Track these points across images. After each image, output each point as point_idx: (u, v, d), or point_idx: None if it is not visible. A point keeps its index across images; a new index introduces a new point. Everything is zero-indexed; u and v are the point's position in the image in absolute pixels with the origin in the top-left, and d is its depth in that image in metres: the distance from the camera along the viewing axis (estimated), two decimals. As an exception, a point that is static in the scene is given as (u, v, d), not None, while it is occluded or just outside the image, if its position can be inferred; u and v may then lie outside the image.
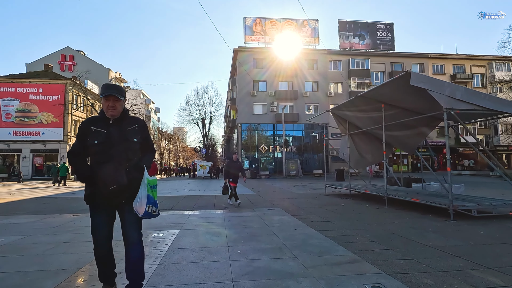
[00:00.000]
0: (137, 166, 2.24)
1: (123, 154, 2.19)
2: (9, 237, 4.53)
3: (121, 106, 2.27)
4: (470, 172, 30.00)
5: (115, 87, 2.24)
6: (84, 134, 2.21)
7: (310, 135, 34.48)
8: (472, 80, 37.49)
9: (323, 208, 7.55)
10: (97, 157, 2.18)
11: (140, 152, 2.35)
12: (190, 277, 2.84)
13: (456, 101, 5.71)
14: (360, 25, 37.84)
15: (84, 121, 2.30)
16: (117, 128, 2.23)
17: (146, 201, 2.17)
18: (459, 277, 2.78)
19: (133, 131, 2.28)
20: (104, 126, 2.22)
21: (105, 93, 2.18)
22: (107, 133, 2.19)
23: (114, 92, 2.20)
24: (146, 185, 2.20)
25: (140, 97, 52.72)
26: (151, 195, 2.22)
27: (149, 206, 2.19)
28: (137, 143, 2.28)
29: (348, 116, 10.41)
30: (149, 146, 2.47)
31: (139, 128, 2.34)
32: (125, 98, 2.37)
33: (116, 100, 2.22)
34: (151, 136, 42.09)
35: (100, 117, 2.27)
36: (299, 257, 3.41)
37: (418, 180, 11.11)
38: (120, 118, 2.27)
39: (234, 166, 8.55)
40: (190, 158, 67.52)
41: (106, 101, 2.19)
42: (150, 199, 2.19)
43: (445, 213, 5.91)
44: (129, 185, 2.18)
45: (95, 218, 2.23)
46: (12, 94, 28.67)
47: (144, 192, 2.18)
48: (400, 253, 3.57)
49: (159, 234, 4.69)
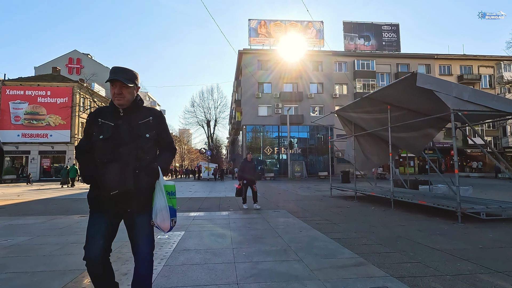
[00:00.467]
0: (149, 168, 1.87)
1: (132, 153, 1.83)
2: (17, 237, 4.59)
3: (130, 94, 1.90)
4: (478, 174, 29.54)
5: (122, 71, 1.89)
6: (90, 128, 1.90)
7: (315, 137, 34.34)
8: (480, 81, 36.99)
9: (329, 210, 7.50)
10: (101, 155, 1.83)
11: (156, 150, 2.02)
12: (195, 279, 2.84)
13: (464, 102, 5.64)
14: (366, 26, 37.67)
15: (91, 112, 1.97)
16: (127, 121, 1.89)
17: (170, 214, 1.84)
18: (468, 281, 2.73)
19: (146, 124, 1.93)
20: (112, 118, 1.88)
21: (110, 78, 1.84)
22: (115, 126, 1.85)
23: (120, 76, 1.85)
24: (165, 193, 1.85)
25: (146, 99, 53.23)
26: (172, 206, 1.88)
27: (173, 220, 1.88)
28: (150, 139, 1.92)
29: (353, 118, 10.34)
30: (167, 143, 2.06)
31: (154, 121, 1.97)
32: (137, 85, 1.96)
33: (124, 87, 1.86)
34: None
35: (110, 107, 1.93)
36: (304, 260, 3.39)
37: (425, 182, 10.97)
38: (131, 109, 1.92)
39: (248, 167, 8.03)
40: (195, 160, 67.81)
41: (112, 87, 1.86)
42: (172, 211, 1.86)
43: (453, 216, 5.83)
44: (137, 191, 1.82)
45: (92, 227, 1.84)
46: (21, 97, 29.15)
47: (163, 202, 1.84)
48: (407, 256, 3.52)
49: (164, 235, 4.70)
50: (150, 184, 1.87)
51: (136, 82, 1.96)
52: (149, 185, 1.87)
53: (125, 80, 1.86)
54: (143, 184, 1.85)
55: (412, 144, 9.48)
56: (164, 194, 1.86)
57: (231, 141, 52.48)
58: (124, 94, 1.87)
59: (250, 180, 7.92)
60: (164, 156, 2.04)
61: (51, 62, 39.90)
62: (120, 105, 1.89)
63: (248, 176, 7.92)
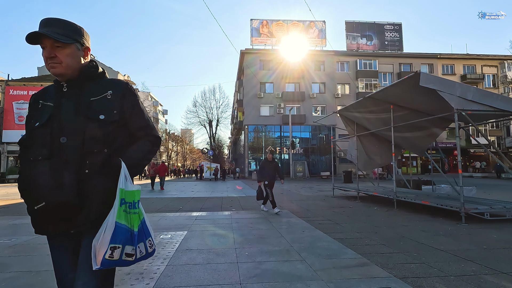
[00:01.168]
0: (106, 166, 1.26)
1: (78, 144, 1.23)
2: (21, 237, 4.62)
3: (70, 58, 1.28)
4: (481, 175, 29.35)
5: (53, 23, 1.26)
6: (30, 114, 1.38)
7: (317, 137, 34.27)
8: (483, 80, 36.74)
9: (331, 210, 7.48)
10: (36, 150, 1.26)
11: (124, 139, 1.37)
12: (198, 278, 2.85)
13: (468, 101, 5.60)
14: (368, 26, 37.54)
15: (34, 93, 1.42)
16: (74, 99, 1.30)
17: (110, 238, 1.15)
18: (472, 282, 2.71)
19: (101, 102, 1.31)
20: (54, 97, 1.32)
21: (30, 33, 1.21)
22: (55, 108, 1.29)
23: (48, 31, 1.22)
24: (118, 203, 1.20)
25: (148, 99, 53.39)
26: (125, 225, 1.20)
27: (115, 248, 1.16)
28: (107, 123, 1.29)
29: (356, 118, 10.31)
30: (141, 128, 1.40)
31: (115, 97, 1.33)
32: (82, 43, 1.34)
33: (59, 47, 1.25)
34: None
35: (55, 84, 1.37)
36: (307, 260, 3.38)
37: (428, 182, 10.92)
38: (78, 81, 1.33)
39: (269, 167, 7.45)
40: (197, 160, 67.94)
41: (43, 51, 1.26)
42: (119, 233, 1.17)
43: (457, 216, 5.79)
44: (85, 201, 1.21)
45: (53, 256, 1.35)
46: (24, 97, 29.33)
47: (110, 217, 1.18)
48: (410, 256, 3.50)
49: (167, 235, 4.71)
50: (106, 189, 1.24)
51: (81, 40, 1.33)
52: (104, 191, 1.24)
53: (57, 36, 1.23)
54: (96, 190, 1.23)
55: (415, 144, 9.44)
56: (118, 204, 1.20)
57: (233, 141, 52.52)
58: (60, 58, 1.26)
59: (271, 181, 7.35)
60: (135, 148, 1.37)
61: (54, 63, 40.14)
62: (58, 76, 1.30)
63: (268, 177, 7.32)
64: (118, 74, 44.55)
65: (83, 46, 1.36)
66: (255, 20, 35.39)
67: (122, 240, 1.19)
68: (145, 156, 1.41)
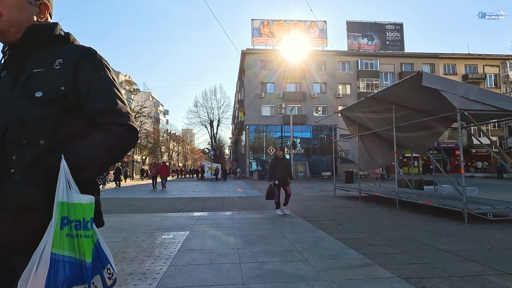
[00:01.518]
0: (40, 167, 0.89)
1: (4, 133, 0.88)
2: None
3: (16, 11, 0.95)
4: (483, 175, 29.26)
5: None
6: None
7: (318, 137, 34.24)
8: (485, 80, 36.63)
9: (333, 210, 7.47)
10: None
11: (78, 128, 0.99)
12: (201, 279, 2.84)
13: (470, 101, 5.58)
14: (369, 26, 37.49)
15: None
16: (15, 69, 0.97)
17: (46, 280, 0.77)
18: (476, 282, 2.70)
19: (44, 74, 0.95)
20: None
21: None
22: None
23: None
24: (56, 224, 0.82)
25: (149, 100, 53.44)
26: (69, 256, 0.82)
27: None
28: (46, 102, 0.92)
29: (358, 117, 10.29)
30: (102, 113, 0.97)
31: (66, 67, 0.96)
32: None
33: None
34: (160, 138, 38.37)
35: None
36: (310, 260, 3.37)
37: (430, 182, 10.89)
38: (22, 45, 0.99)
39: (280, 165, 6.97)
40: (198, 160, 67.98)
41: None
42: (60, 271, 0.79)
43: (459, 217, 5.77)
44: (5, 214, 0.84)
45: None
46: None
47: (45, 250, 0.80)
48: (413, 257, 3.49)
49: (169, 235, 4.71)
50: (32, 201, 0.87)
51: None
52: (30, 202, 0.86)
53: None
54: (19, 200, 0.85)
55: (418, 144, 9.41)
56: (55, 226, 0.82)
57: (234, 141, 52.55)
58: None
59: (283, 181, 6.94)
60: (87, 142, 0.95)
61: (56, 63, 40.22)
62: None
63: (279, 176, 6.90)
64: (120, 74, 44.66)
65: (37, 0, 1.00)
66: (256, 20, 35.39)
67: (66, 279, 0.79)
68: (102, 154, 0.94)
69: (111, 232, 4.94)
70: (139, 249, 3.91)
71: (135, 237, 4.60)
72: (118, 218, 6.46)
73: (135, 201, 10.00)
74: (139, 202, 9.71)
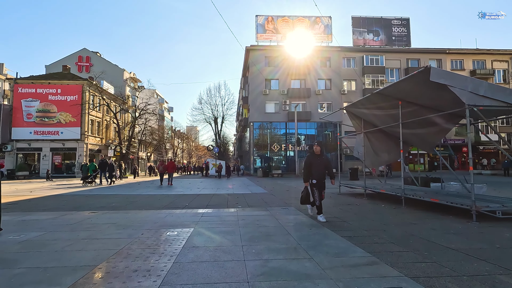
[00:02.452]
0: None
1: None
2: (30, 233, 4.66)
3: None
4: (491, 172, 28.83)
5: None
6: None
7: (323, 134, 34.05)
8: (494, 75, 35.97)
9: (338, 207, 7.41)
10: None
11: None
12: (205, 276, 2.82)
13: (479, 97, 5.45)
14: (375, 21, 36.98)
15: None
16: None
17: None
18: (487, 282, 2.63)
19: None
20: None
21: None
22: None
23: None
24: None
25: (154, 97, 53.61)
26: None
27: None
28: None
29: (364, 114, 10.16)
30: None
31: None
32: None
33: None
34: (165, 135, 39.01)
35: None
36: (315, 258, 3.33)
37: (437, 179, 10.73)
38: None
39: (317, 163, 5.64)
40: (203, 157, 68.16)
41: None
42: None
43: (467, 214, 5.67)
44: None
45: None
46: (32, 95, 29.69)
47: None
48: (421, 255, 3.43)
49: (173, 232, 4.71)
50: None
51: None
52: None
53: None
54: None
55: (425, 140, 9.27)
56: None
57: (238, 138, 52.51)
58: None
59: (321, 182, 5.60)
60: None
61: (61, 61, 40.53)
62: None
63: (317, 175, 5.58)
64: (124, 71, 44.83)
65: None
66: (261, 16, 35.13)
67: None
68: None
69: (116, 228, 4.96)
70: (143, 246, 3.91)
71: (140, 233, 4.60)
72: (123, 214, 6.48)
73: (140, 198, 10.05)
74: (144, 199, 9.75)
